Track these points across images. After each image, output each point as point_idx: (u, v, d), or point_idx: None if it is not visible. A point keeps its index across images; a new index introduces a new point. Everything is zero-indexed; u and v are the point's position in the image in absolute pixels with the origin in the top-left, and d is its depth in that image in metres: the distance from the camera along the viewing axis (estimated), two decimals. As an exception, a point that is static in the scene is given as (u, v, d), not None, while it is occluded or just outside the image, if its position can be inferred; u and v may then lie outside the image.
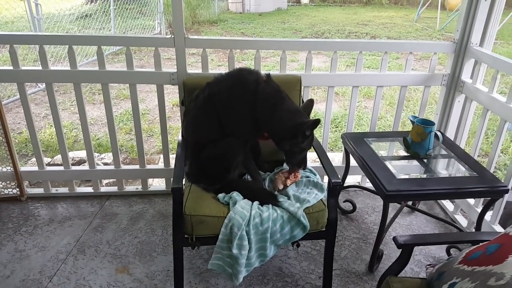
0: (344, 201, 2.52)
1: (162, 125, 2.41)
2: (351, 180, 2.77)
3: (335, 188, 1.77)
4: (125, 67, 2.22)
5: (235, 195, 1.80)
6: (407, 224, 2.40)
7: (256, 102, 1.76)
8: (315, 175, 2.01)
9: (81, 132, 2.44)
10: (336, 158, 3.20)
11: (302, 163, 1.85)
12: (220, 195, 1.81)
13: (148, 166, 2.57)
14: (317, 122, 1.71)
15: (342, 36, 8.06)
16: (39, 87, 4.72)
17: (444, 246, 2.15)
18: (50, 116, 4.15)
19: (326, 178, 1.83)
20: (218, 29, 8.42)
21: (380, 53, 2.28)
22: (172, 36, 2.13)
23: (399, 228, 2.36)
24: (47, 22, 5.74)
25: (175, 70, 2.23)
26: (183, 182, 1.82)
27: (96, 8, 7.75)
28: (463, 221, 2.36)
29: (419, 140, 1.99)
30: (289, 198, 1.82)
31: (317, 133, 3.66)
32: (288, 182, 1.91)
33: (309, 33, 8.13)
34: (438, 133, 1.96)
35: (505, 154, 3.42)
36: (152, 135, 3.80)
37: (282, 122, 1.74)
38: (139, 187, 2.64)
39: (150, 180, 2.68)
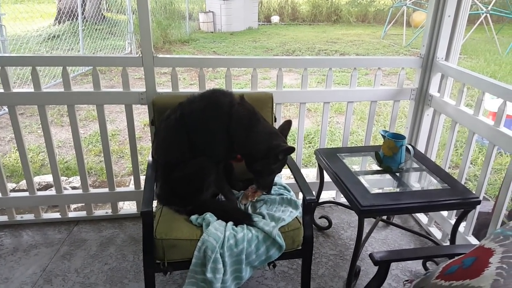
0: (319, 218, 2.49)
1: (131, 146, 2.34)
2: (325, 195, 2.75)
3: (309, 205, 1.75)
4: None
5: (208, 216, 1.74)
6: (383, 238, 2.39)
7: (230, 124, 1.74)
8: (289, 191, 1.99)
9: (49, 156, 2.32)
10: (311, 174, 3.19)
11: (267, 186, 1.86)
12: (193, 217, 1.76)
13: (118, 189, 2.48)
14: (291, 149, 1.71)
15: (312, 54, 8.22)
16: (4, 110, 4.53)
17: (421, 260, 2.15)
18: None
19: (300, 195, 1.80)
20: (189, 48, 8.42)
21: (350, 69, 2.30)
22: (140, 55, 2.09)
23: (375, 243, 2.35)
24: (13, 44, 5.58)
25: (144, 90, 2.18)
26: (154, 205, 1.75)
27: (64, 29, 7.61)
28: (437, 234, 2.38)
29: (390, 154, 2.00)
30: (264, 217, 1.78)
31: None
32: (250, 197, 1.90)
33: (280, 51, 8.26)
34: (409, 147, 1.99)
35: (474, 165, 3.51)
36: (123, 156, 3.69)
37: (256, 144, 1.73)
38: (109, 211, 2.54)
39: (120, 204, 2.58)
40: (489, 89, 1.94)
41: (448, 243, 2.29)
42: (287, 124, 1.88)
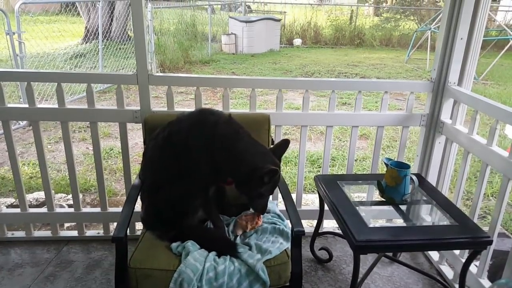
0: (319, 249, 2.32)
1: (124, 166, 2.27)
2: (329, 224, 2.59)
3: (298, 237, 1.60)
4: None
5: (189, 244, 1.63)
6: (388, 275, 2.19)
7: (213, 144, 1.64)
8: (283, 220, 1.85)
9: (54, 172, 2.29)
10: (317, 200, 3.02)
11: (261, 208, 1.72)
12: (174, 245, 1.65)
13: (110, 209, 2.40)
14: (273, 171, 1.58)
15: (331, 76, 8.11)
16: (19, 124, 4.62)
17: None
18: (25, 154, 4.06)
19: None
20: (209, 68, 8.49)
21: (371, 93, 2.17)
22: (135, 73, 2.04)
23: (379, 280, 2.15)
24: (37, 61, 5.75)
25: (139, 108, 2.12)
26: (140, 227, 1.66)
27: (90, 48, 7.85)
28: (449, 272, 2.16)
29: (393, 185, 1.84)
30: (250, 248, 1.65)
31: (293, 172, 3.54)
32: (249, 227, 1.75)
33: (299, 73, 8.19)
34: (413, 177, 1.82)
35: (495, 198, 3.25)
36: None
37: (240, 165, 1.62)
38: (101, 232, 2.46)
39: (112, 225, 2.50)
40: (503, 118, 1.77)
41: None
42: (284, 143, 1.75)
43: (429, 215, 1.86)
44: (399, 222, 1.78)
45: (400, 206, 1.86)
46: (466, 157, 2.00)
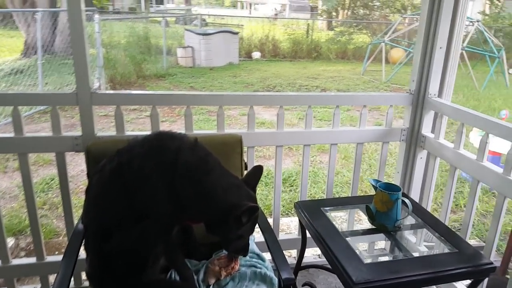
0: (302, 285, 2.08)
1: (64, 205, 1.89)
2: (308, 252, 2.36)
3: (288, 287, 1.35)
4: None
5: (152, 304, 1.32)
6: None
7: (175, 177, 1.33)
8: (263, 261, 1.59)
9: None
10: (292, 224, 2.80)
11: (241, 250, 1.44)
12: (132, 308, 1.33)
13: (49, 258, 1.97)
14: (254, 209, 1.32)
15: (293, 89, 8.02)
16: None
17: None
18: None
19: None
20: (165, 83, 8.12)
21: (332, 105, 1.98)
22: (75, 91, 1.71)
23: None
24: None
25: (80, 134, 1.78)
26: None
27: (30, 63, 7.21)
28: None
29: (385, 210, 1.65)
30: (228, 302, 1.37)
31: (263, 193, 3.29)
32: (223, 273, 1.47)
33: (261, 87, 8.04)
34: (407, 201, 1.64)
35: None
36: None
37: (209, 204, 1.33)
38: (38, 287, 2.03)
39: (53, 277, 2.08)
40: (493, 130, 1.65)
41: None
42: (256, 171, 1.48)
43: (424, 241, 1.69)
44: (395, 253, 1.59)
45: (392, 232, 1.67)
46: (454, 173, 1.86)
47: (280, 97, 1.97)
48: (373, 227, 1.70)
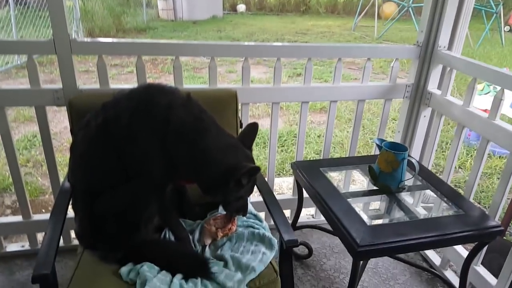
0: (298, 245, 2.02)
1: (48, 163, 1.76)
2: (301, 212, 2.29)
3: (290, 250, 1.26)
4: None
5: (146, 269, 1.22)
6: (373, 267, 1.96)
7: (167, 135, 1.22)
8: (261, 222, 1.50)
9: None
10: (284, 184, 2.72)
11: (241, 209, 1.36)
12: (124, 270, 1.24)
13: (35, 216, 1.88)
14: (255, 170, 1.22)
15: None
16: None
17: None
18: None
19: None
20: (146, 37, 7.71)
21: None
22: (52, 38, 1.51)
23: (364, 273, 1.90)
24: None
25: (60, 86, 1.61)
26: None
27: (1, 15, 6.67)
28: (436, 259, 1.97)
29: (389, 170, 1.55)
30: (226, 264, 1.28)
31: (260, 157, 3.20)
32: (219, 234, 1.38)
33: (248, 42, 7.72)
34: (413, 161, 1.54)
35: (462, 169, 3.16)
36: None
37: (207, 166, 1.22)
38: (26, 245, 1.95)
39: (41, 235, 1.99)
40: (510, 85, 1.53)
41: (449, 272, 1.89)
42: (251, 128, 1.36)
43: (429, 204, 1.61)
44: (399, 215, 1.51)
45: (396, 194, 1.59)
46: (461, 132, 1.76)
47: (278, 48, 1.79)
48: (375, 188, 1.61)
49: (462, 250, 1.77)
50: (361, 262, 1.41)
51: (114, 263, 1.27)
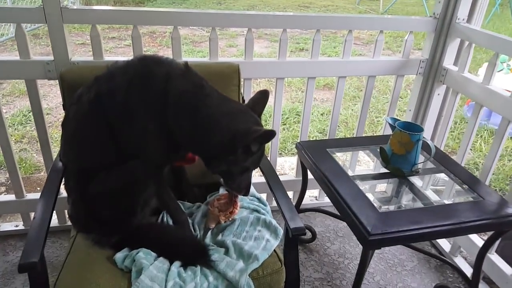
0: (301, 229, 1.94)
1: (41, 139, 1.67)
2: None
3: (296, 238, 1.17)
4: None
5: (142, 255, 1.15)
6: (379, 252, 1.89)
7: (167, 108, 1.12)
8: (265, 206, 1.41)
9: None
10: (286, 164, 2.62)
11: (243, 187, 1.24)
12: (119, 256, 1.16)
13: (29, 196, 1.81)
14: (270, 134, 1.09)
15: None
16: None
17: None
18: None
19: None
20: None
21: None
22: (41, 5, 1.38)
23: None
24: None
25: (52, 58, 1.49)
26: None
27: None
28: (445, 245, 1.90)
29: (403, 152, 1.45)
30: (227, 251, 1.20)
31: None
32: (222, 218, 1.30)
33: (249, 15, 7.47)
34: (429, 142, 1.43)
35: (472, 151, 3.05)
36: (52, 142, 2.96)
37: (212, 132, 1.11)
38: (20, 224, 1.88)
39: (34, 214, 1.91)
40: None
41: (459, 258, 1.82)
42: (262, 96, 1.24)
43: (443, 188, 1.51)
44: (412, 201, 1.41)
45: (409, 178, 1.49)
46: (478, 112, 1.65)
47: (284, 18, 1.65)
48: (387, 171, 1.51)
49: (475, 237, 1.69)
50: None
51: (108, 247, 1.21)
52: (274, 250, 1.21)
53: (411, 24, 1.82)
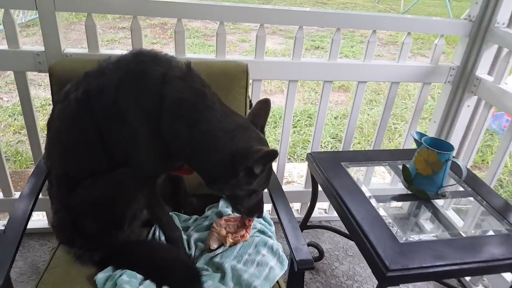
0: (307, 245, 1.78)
1: (30, 135, 1.54)
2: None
3: (301, 273, 1.01)
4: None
5: (126, 278, 1.01)
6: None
7: (161, 116, 0.98)
8: (270, 226, 1.26)
9: None
10: (295, 171, 2.45)
11: (255, 210, 1.10)
12: (101, 277, 1.03)
13: (17, 194, 1.67)
14: (272, 154, 0.95)
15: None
16: None
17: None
18: None
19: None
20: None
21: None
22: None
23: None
24: None
25: (43, 49, 1.36)
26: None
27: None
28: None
29: (429, 173, 1.27)
30: (224, 277, 1.05)
31: (272, 137, 2.91)
32: (229, 240, 1.14)
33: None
34: (460, 163, 1.25)
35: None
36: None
37: (209, 151, 0.98)
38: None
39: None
40: None
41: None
42: (263, 106, 1.10)
43: (474, 216, 1.34)
44: (436, 228, 1.24)
45: (433, 201, 1.32)
46: (515, 129, 1.47)
47: (301, 14, 1.48)
48: (409, 192, 1.34)
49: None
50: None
51: (91, 264, 1.08)
52: (277, 282, 1.06)
53: (442, 26, 1.62)
